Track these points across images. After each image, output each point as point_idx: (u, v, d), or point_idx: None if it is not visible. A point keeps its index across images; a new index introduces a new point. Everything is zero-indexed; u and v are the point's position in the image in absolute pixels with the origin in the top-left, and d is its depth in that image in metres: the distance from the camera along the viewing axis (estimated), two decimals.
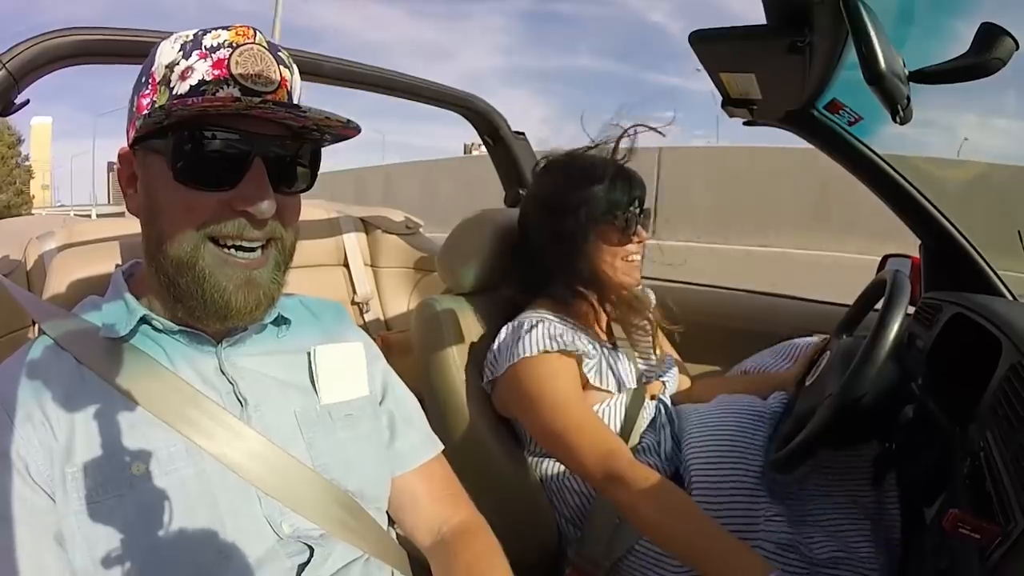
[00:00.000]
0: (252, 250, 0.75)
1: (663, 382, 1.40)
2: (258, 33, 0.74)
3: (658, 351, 1.50)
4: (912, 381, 1.11)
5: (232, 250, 0.73)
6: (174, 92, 0.71)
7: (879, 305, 1.13)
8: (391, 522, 0.95)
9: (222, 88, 0.70)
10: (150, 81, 0.73)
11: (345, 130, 0.77)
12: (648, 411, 1.31)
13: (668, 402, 1.39)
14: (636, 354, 1.39)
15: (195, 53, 0.71)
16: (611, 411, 1.25)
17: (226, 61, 0.71)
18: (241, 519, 0.74)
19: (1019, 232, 1.42)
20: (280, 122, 0.74)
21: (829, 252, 8.42)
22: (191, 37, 0.73)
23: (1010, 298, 1.45)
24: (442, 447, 1.01)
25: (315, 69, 1.48)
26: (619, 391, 1.27)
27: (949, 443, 1.00)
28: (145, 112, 0.72)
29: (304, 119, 0.72)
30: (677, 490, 1.10)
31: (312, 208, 1.91)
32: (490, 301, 1.45)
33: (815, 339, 1.52)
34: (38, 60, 1.05)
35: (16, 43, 1.04)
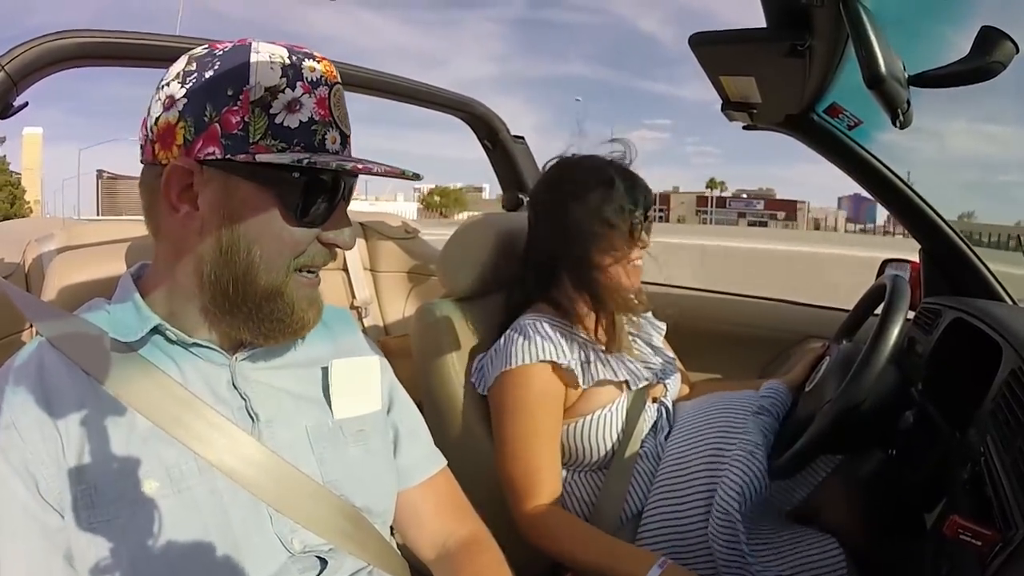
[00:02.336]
0: (314, 271, 0.78)
1: (665, 385, 1.40)
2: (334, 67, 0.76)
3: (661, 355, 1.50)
4: (912, 386, 1.11)
5: (305, 273, 0.76)
6: (276, 121, 0.69)
7: (879, 310, 1.13)
8: (391, 532, 0.94)
9: (328, 130, 0.72)
10: (241, 98, 0.68)
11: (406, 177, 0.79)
12: (649, 414, 1.31)
13: (670, 405, 1.39)
14: (636, 358, 1.38)
15: (299, 84, 0.70)
16: (612, 415, 1.25)
17: (327, 102, 0.72)
18: (253, 537, 0.73)
19: (1019, 236, 1.42)
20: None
21: None
22: (288, 60, 0.71)
23: (1010, 303, 1.45)
24: (445, 461, 1.00)
25: None
26: (620, 395, 1.27)
27: (949, 448, 1.00)
28: (236, 132, 0.69)
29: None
30: (575, 521, 1.20)
31: None
32: (489, 306, 1.45)
33: None
34: (37, 62, 1.05)
35: (14, 46, 1.04)
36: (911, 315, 1.41)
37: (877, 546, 1.21)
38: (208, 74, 0.70)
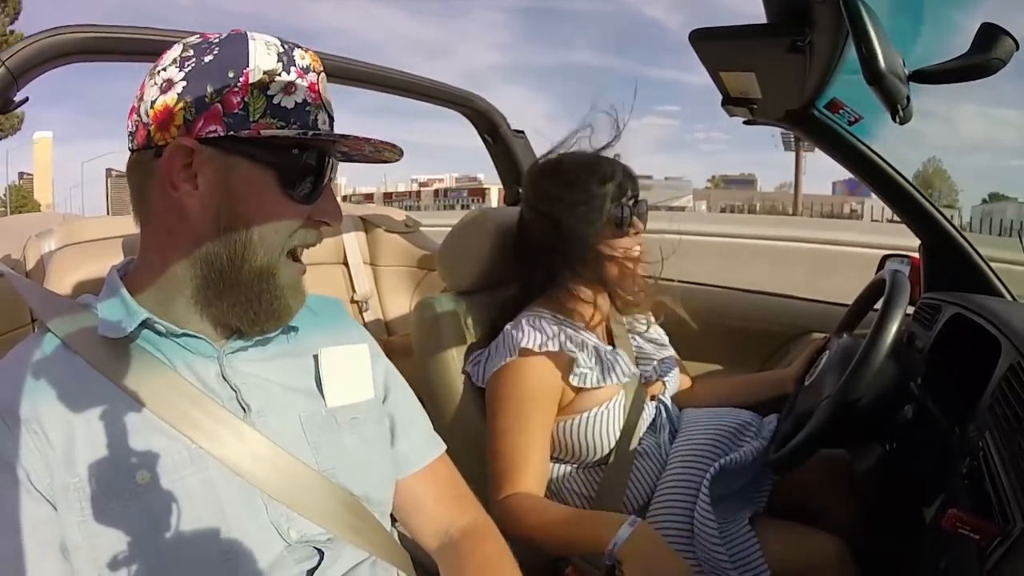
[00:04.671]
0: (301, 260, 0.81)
1: (663, 382, 1.40)
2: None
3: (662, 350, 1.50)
4: (911, 381, 1.12)
5: (294, 261, 0.79)
6: (274, 102, 0.73)
7: (879, 305, 1.13)
8: (393, 522, 0.94)
9: (318, 112, 0.76)
10: (242, 80, 0.71)
11: (381, 156, 0.84)
12: (648, 412, 1.31)
13: (668, 403, 1.39)
14: (635, 354, 1.39)
15: (293, 69, 0.74)
16: (609, 413, 1.25)
17: (317, 86, 0.76)
18: (248, 527, 0.73)
19: (1019, 235, 1.42)
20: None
21: None
22: (282, 48, 0.75)
23: (1009, 298, 1.45)
24: (444, 447, 1.01)
25: None
26: (618, 392, 1.28)
27: (948, 443, 1.00)
28: (237, 111, 0.71)
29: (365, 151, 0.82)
30: (543, 501, 1.20)
31: None
32: (490, 300, 1.45)
33: None
34: (37, 57, 1.05)
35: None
36: (911, 310, 1.41)
37: (876, 540, 1.22)
38: (208, 58, 0.73)
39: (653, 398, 1.36)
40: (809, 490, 1.34)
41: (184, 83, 0.72)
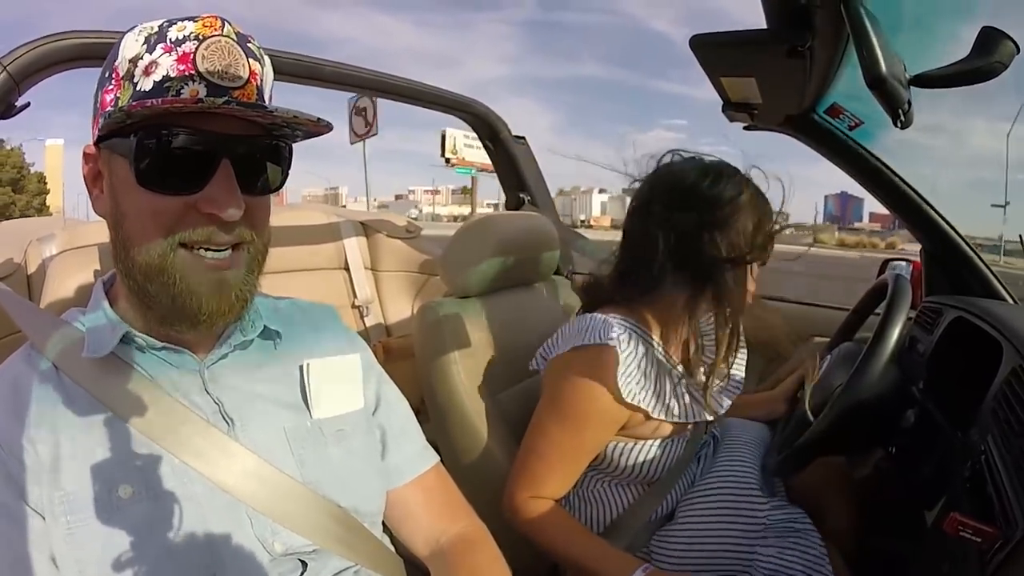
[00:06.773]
0: (221, 251, 0.70)
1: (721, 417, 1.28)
2: (226, 24, 0.69)
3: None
4: (913, 385, 1.12)
5: (201, 251, 0.69)
6: (137, 88, 0.66)
7: (880, 309, 1.13)
8: (385, 529, 0.93)
9: (187, 84, 0.66)
10: (113, 76, 0.69)
11: (317, 127, 0.73)
12: (698, 444, 1.24)
13: (718, 435, 1.33)
14: (706, 384, 1.19)
15: (159, 47, 0.66)
16: (672, 446, 1.17)
17: (192, 56, 0.66)
18: (232, 541, 0.72)
19: (1020, 236, 1.42)
20: (249, 120, 0.70)
21: None
22: (155, 29, 0.68)
23: (1011, 302, 1.45)
24: (437, 459, 0.99)
25: (314, 73, 1.48)
26: (686, 427, 1.19)
27: (950, 446, 1.00)
28: (108, 109, 0.68)
29: (272, 117, 0.69)
30: (564, 515, 1.17)
31: (313, 213, 1.91)
32: (492, 304, 1.45)
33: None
34: (39, 63, 1.05)
35: (17, 46, 1.04)
36: (912, 314, 1.41)
37: (878, 543, 1.22)
38: (103, 66, 0.73)
39: (707, 431, 1.27)
40: (810, 493, 1.33)
41: (94, 97, 0.73)
